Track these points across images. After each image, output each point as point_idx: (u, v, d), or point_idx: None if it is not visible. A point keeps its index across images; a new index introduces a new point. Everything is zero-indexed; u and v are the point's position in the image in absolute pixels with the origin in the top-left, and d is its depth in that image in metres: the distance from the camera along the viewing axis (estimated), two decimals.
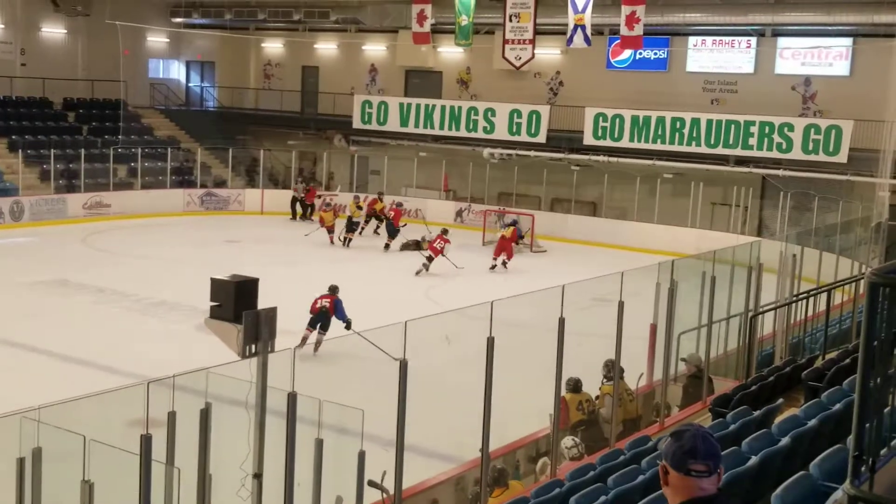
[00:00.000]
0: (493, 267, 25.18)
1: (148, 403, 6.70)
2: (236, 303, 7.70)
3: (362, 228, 29.37)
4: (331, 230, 28.05)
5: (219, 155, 35.96)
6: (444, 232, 25.27)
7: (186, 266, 23.36)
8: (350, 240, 28.00)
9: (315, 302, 16.72)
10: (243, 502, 7.78)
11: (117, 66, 32.89)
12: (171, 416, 7.15)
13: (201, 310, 9.40)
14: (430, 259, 24.27)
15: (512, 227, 26.49)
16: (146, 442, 6.71)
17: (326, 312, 16.49)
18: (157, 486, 6.82)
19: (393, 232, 28.11)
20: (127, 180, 32.92)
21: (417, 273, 23.96)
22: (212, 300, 7.85)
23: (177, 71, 41.99)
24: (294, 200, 32.73)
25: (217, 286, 7.91)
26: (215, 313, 7.83)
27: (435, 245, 24.49)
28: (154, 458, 6.78)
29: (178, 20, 39.34)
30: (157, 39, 39.90)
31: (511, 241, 25.89)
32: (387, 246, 27.72)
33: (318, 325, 16.48)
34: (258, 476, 7.72)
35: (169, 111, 38.95)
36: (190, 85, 42.04)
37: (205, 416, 7.40)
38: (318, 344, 16.10)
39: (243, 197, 33.93)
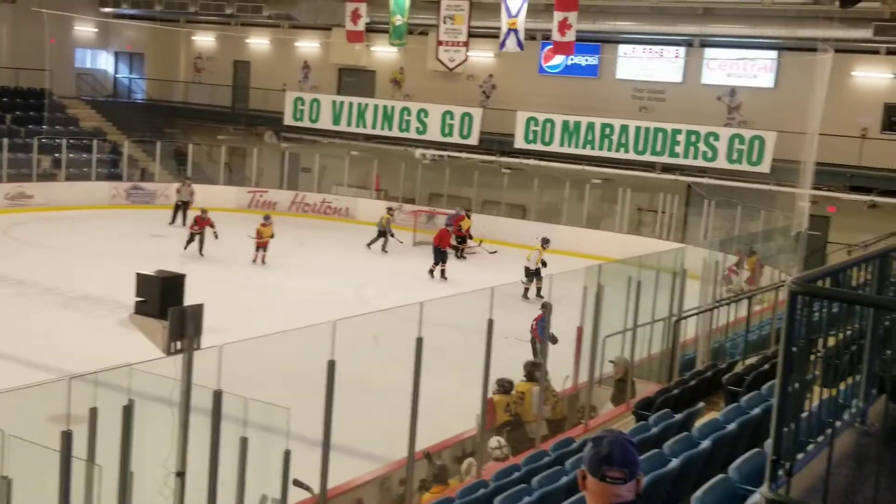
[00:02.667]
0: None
1: (70, 399, 6.59)
2: (162, 299, 7.65)
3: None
4: (264, 247, 24.58)
5: (146, 148, 35.38)
6: (448, 224, 25.39)
7: (111, 260, 22.94)
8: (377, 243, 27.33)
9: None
10: (165, 501, 7.69)
11: (43, 54, 32.17)
12: (93, 413, 7.04)
13: (126, 305, 9.28)
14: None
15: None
16: (67, 438, 6.60)
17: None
18: (77, 484, 6.72)
19: (439, 255, 24.55)
20: (51, 171, 32.21)
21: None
22: (137, 295, 7.77)
23: (105, 61, 41.19)
24: (181, 204, 29.79)
25: (142, 281, 7.84)
26: (140, 309, 7.76)
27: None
28: (75, 454, 6.67)
29: (108, 10, 38.57)
30: (84, 29, 39.07)
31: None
32: (432, 272, 24.19)
33: None
34: (181, 474, 7.65)
35: (96, 102, 38.18)
36: (118, 76, 41.28)
37: (127, 412, 7.31)
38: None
39: (171, 191, 33.36)
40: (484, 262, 26.15)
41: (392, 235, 27.55)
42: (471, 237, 27.29)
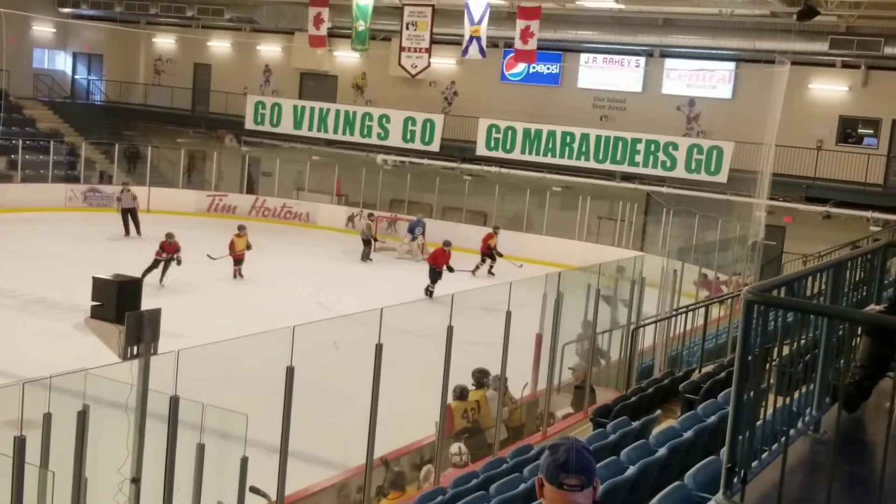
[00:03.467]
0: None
1: (23, 404, 6.50)
2: (119, 303, 7.56)
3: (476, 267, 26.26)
4: (240, 261, 23.59)
5: (104, 150, 35.02)
6: (446, 244, 24.20)
7: (67, 263, 22.67)
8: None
9: None
10: None
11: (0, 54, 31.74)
12: (47, 418, 6.95)
13: (82, 309, 9.16)
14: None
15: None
16: (20, 444, 6.51)
17: None
18: (30, 490, 6.62)
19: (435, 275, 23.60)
20: (6, 173, 31.78)
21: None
22: (93, 299, 7.69)
23: (63, 62, 40.74)
24: (125, 212, 28.55)
25: (99, 285, 7.75)
26: (96, 313, 7.68)
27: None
28: (28, 460, 6.57)
29: (66, 10, 38.15)
30: (43, 29, 38.63)
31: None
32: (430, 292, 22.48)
33: None
34: (136, 481, 7.57)
35: (53, 103, 37.74)
36: (76, 77, 40.85)
37: (82, 418, 7.22)
38: None
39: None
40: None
41: (376, 241, 27.54)
42: (500, 254, 26.40)
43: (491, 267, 26.39)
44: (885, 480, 3.65)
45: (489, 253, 26.58)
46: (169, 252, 22.21)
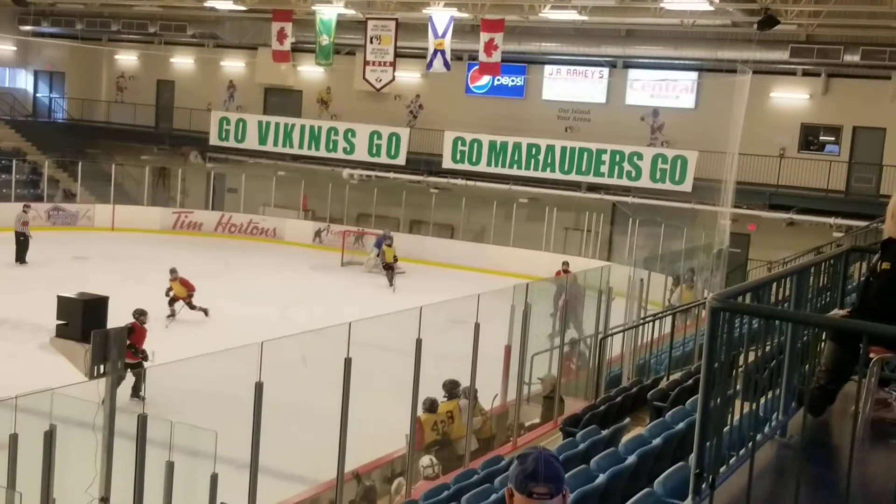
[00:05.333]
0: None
1: None
2: (84, 321, 7.51)
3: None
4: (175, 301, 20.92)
5: (67, 168, 34.73)
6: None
7: (31, 282, 22.43)
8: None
9: None
10: None
11: None
12: (13, 439, 6.89)
13: (47, 328, 9.07)
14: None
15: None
16: None
17: None
18: None
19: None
20: None
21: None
22: (58, 318, 7.63)
23: (24, 80, 40.39)
24: (20, 238, 25.95)
25: (64, 304, 7.70)
26: (62, 332, 7.62)
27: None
28: None
29: (27, 28, 37.88)
30: (3, 47, 38.30)
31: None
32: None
33: None
34: (105, 500, 7.51)
35: (15, 122, 37.39)
36: (38, 95, 40.51)
37: (49, 438, 7.15)
38: None
39: (93, 212, 32.81)
40: (411, 282, 26.18)
41: (392, 266, 26.80)
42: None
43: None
44: (851, 483, 3.70)
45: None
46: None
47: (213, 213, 33.90)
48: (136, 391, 13.49)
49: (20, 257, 25.81)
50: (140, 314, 15.63)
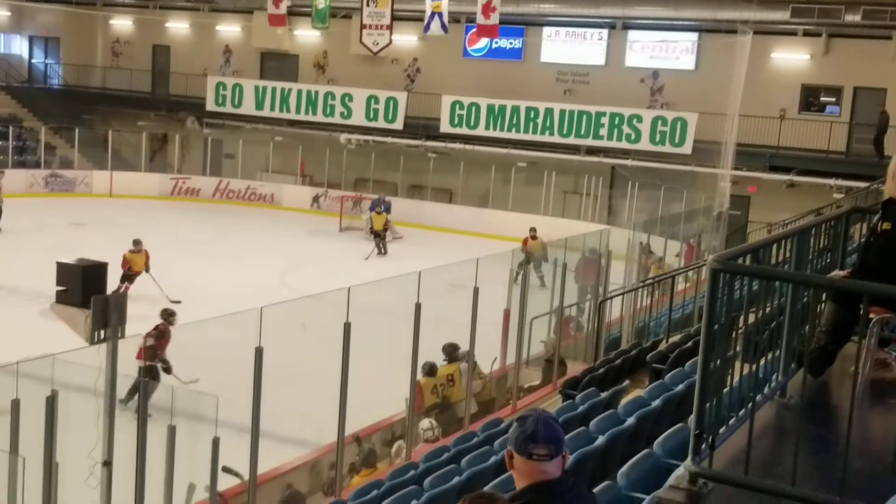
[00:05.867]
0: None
1: None
2: (84, 287, 7.51)
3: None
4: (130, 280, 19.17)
5: (64, 135, 34.58)
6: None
7: (29, 249, 22.41)
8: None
9: None
10: (92, 490, 7.58)
11: None
12: (15, 404, 6.91)
13: (46, 294, 9.08)
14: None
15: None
16: None
17: None
18: (0, 476, 6.58)
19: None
20: None
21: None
22: (58, 284, 7.63)
23: (19, 46, 40.12)
24: None
25: (63, 270, 7.69)
26: (61, 298, 7.62)
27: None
28: None
29: None
30: None
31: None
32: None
33: None
34: (108, 464, 7.54)
35: (10, 88, 37.16)
36: (33, 61, 40.25)
37: (51, 403, 7.17)
38: None
39: (91, 179, 32.73)
40: (410, 247, 26.18)
41: (381, 235, 26.29)
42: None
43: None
44: (850, 443, 3.71)
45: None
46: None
47: (210, 179, 33.80)
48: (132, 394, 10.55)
49: None
50: (168, 315, 13.59)
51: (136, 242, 19.98)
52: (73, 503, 7.75)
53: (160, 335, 12.79)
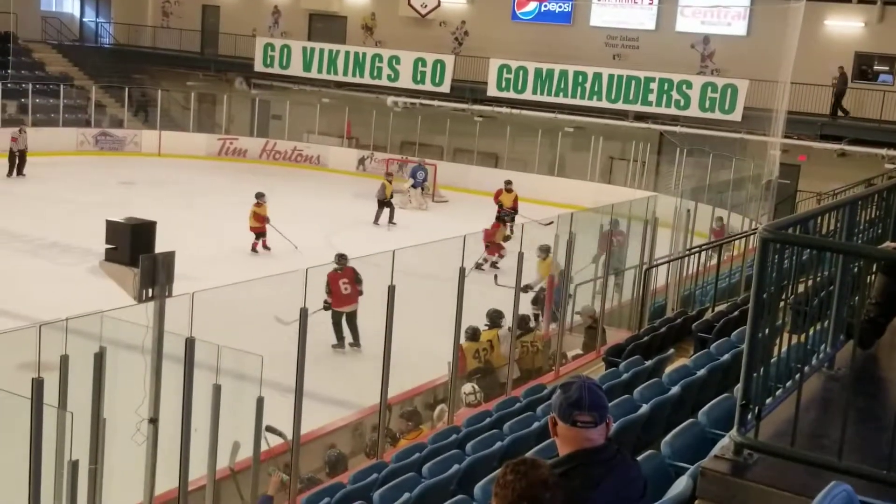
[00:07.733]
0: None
1: (40, 346, 6.55)
2: (132, 246, 7.57)
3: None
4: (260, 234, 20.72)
5: (114, 94, 34.89)
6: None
7: (79, 207, 22.73)
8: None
9: None
10: (138, 447, 7.71)
11: None
12: (64, 360, 7.01)
13: (95, 252, 9.21)
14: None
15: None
16: (38, 386, 6.56)
17: None
18: (49, 430, 6.70)
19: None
20: (17, 117, 31.71)
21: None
22: (107, 243, 7.70)
23: (70, 5, 40.43)
24: (13, 155, 27.46)
25: (113, 229, 7.76)
26: (111, 256, 7.69)
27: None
28: (46, 401, 6.64)
29: None
30: None
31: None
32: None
33: None
34: (154, 421, 7.65)
35: (62, 46, 37.50)
36: (84, 20, 40.55)
37: (99, 360, 7.28)
38: None
39: (140, 138, 33.04)
40: (456, 211, 26.14)
41: (390, 203, 24.97)
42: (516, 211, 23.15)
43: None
44: None
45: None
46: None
47: (257, 140, 33.97)
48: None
49: (22, 170, 27.30)
50: (341, 257, 14.22)
51: (260, 195, 20.89)
52: (119, 458, 7.88)
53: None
